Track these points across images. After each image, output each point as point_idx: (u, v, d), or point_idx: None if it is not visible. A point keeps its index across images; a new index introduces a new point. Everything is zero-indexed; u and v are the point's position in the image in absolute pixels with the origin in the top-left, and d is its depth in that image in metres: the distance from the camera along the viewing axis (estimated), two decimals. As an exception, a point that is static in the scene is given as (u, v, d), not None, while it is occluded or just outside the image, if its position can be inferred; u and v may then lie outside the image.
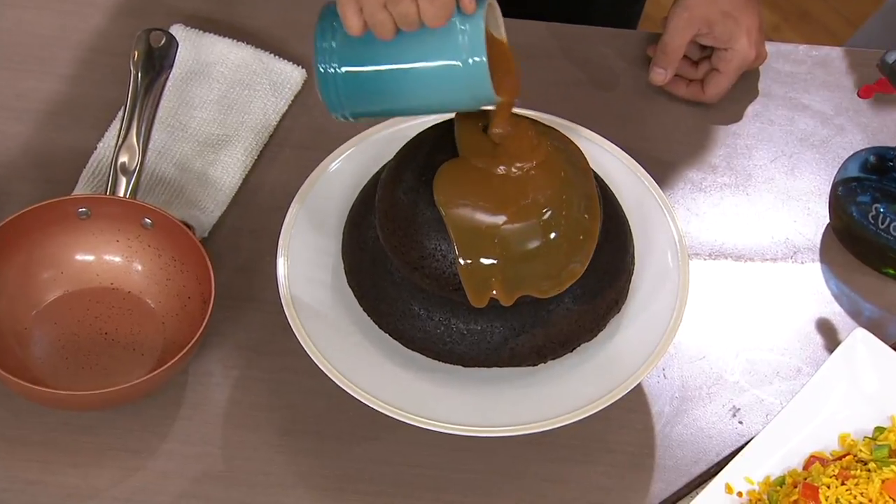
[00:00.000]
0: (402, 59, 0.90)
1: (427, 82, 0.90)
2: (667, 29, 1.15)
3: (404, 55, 0.89)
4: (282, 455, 0.99)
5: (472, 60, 0.89)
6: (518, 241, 0.93)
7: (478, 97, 0.91)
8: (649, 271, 1.03)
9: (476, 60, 0.89)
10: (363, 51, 0.90)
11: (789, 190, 1.16)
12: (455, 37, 0.89)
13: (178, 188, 1.11)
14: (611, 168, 1.06)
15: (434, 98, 0.91)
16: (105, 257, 1.05)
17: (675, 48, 1.15)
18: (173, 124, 1.14)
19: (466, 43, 0.89)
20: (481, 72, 0.89)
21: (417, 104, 0.92)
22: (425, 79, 0.90)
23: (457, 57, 0.89)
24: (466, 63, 0.89)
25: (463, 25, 0.88)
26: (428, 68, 0.89)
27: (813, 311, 1.09)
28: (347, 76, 0.90)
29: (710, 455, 1.01)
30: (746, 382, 1.05)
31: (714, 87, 1.16)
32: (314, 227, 1.03)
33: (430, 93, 0.90)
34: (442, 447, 1.00)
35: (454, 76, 0.89)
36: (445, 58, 0.89)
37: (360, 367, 0.97)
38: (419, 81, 0.90)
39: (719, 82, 1.16)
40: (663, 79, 1.16)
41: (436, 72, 0.89)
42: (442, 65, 0.89)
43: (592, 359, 0.99)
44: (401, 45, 0.89)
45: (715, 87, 1.16)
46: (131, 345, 1.02)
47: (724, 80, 1.16)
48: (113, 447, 0.99)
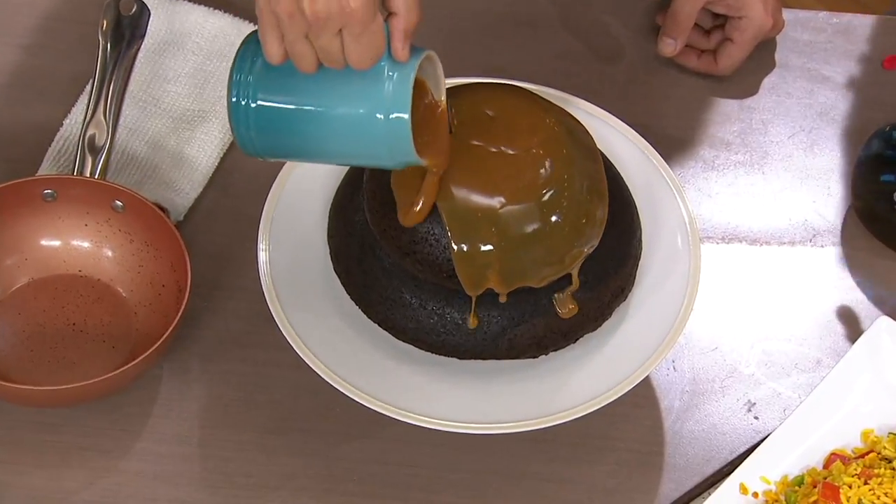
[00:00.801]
0: (319, 100, 0.87)
1: (343, 130, 0.87)
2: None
3: (322, 95, 0.87)
4: (265, 455, 1.00)
5: (394, 116, 0.86)
6: (516, 225, 0.94)
7: (396, 156, 0.88)
8: (658, 256, 1.03)
9: (397, 116, 0.86)
10: (280, 84, 0.87)
11: (808, 168, 1.16)
12: (380, 84, 0.85)
13: (151, 168, 1.11)
14: (616, 146, 1.06)
15: (349, 148, 0.88)
16: (72, 242, 1.05)
17: (685, 16, 1.15)
18: (145, 99, 1.14)
19: (390, 93, 0.85)
20: (402, 130, 0.86)
21: (332, 152, 0.89)
22: (341, 125, 0.87)
23: (378, 108, 0.86)
24: (387, 117, 0.86)
25: (391, 72, 0.85)
26: (345, 115, 0.86)
27: (833, 299, 1.09)
28: (260, 110, 0.88)
29: (724, 453, 1.01)
30: (762, 375, 1.05)
31: (727, 59, 1.16)
32: (298, 210, 1.03)
33: (345, 142, 0.88)
34: (436, 445, 1.00)
35: (373, 128, 0.86)
36: (365, 106, 0.86)
37: (348, 360, 0.97)
38: (335, 127, 0.87)
39: (733, 53, 1.16)
40: (673, 49, 1.16)
41: (354, 120, 0.86)
42: (361, 113, 0.86)
43: (597, 350, 0.99)
44: (321, 83, 0.86)
45: (728, 59, 1.16)
46: (101, 336, 1.02)
47: (738, 50, 1.16)
48: (82, 447, 0.99)
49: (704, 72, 1.18)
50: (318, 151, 0.90)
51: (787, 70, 1.21)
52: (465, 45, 1.20)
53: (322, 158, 0.91)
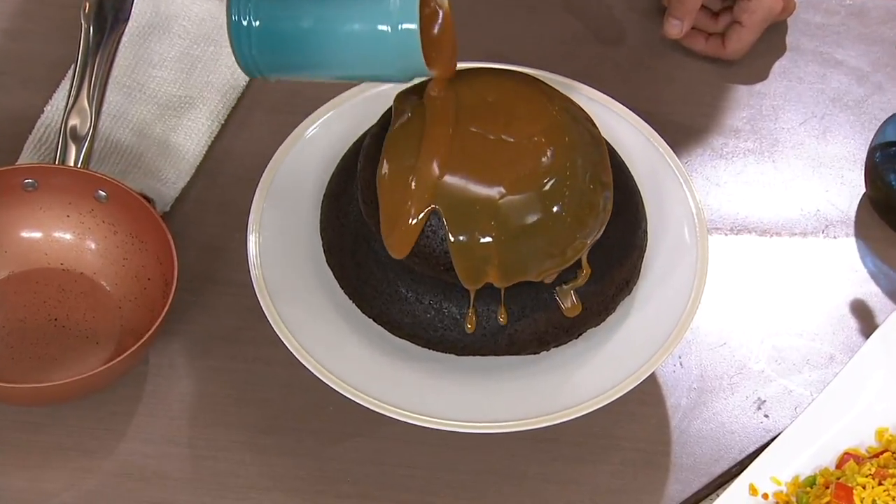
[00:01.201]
0: (325, 16, 0.88)
1: (350, 46, 0.88)
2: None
3: (328, 11, 0.88)
4: (255, 455, 0.99)
5: (402, 27, 0.87)
6: (516, 215, 0.93)
7: (406, 69, 0.90)
8: (664, 248, 1.03)
9: (406, 28, 0.87)
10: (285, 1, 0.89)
11: (820, 156, 1.16)
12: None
13: (136, 156, 1.10)
14: (620, 133, 1.06)
15: (357, 64, 0.90)
16: (54, 234, 1.05)
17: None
18: (130, 84, 1.13)
19: (397, 5, 0.87)
20: (411, 41, 0.88)
21: (339, 70, 0.91)
22: (349, 42, 0.88)
23: (385, 20, 0.87)
24: (396, 29, 0.87)
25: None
26: (353, 31, 0.88)
27: (847, 292, 1.09)
28: (263, 29, 0.89)
29: (733, 453, 1.01)
30: (773, 371, 1.05)
31: (736, 42, 1.16)
32: (289, 201, 1.03)
33: (353, 58, 0.89)
34: (433, 445, 1.00)
35: (381, 42, 0.88)
36: (372, 20, 0.87)
37: (341, 356, 0.97)
38: (342, 44, 0.88)
39: (742, 36, 1.16)
40: (679, 31, 1.16)
41: (361, 35, 0.88)
42: (368, 28, 0.88)
43: (600, 346, 0.99)
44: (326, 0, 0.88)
45: (737, 42, 1.16)
46: (84, 332, 1.02)
47: (748, 33, 1.16)
48: (64, 447, 0.99)
49: (712, 56, 1.18)
50: (322, 68, 0.91)
51: (799, 54, 1.21)
52: (463, 29, 1.19)
53: (327, 75, 0.92)
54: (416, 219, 0.93)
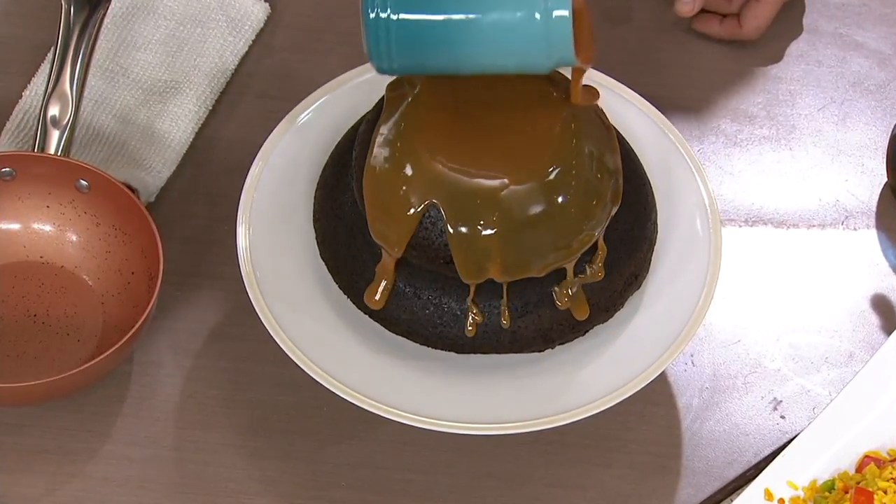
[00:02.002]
0: (468, 5, 0.89)
1: (495, 35, 0.89)
2: None
3: (473, 1, 0.89)
4: (244, 458, 1.00)
5: (556, 14, 0.89)
6: (519, 206, 0.93)
7: (554, 58, 0.91)
8: (675, 240, 1.03)
9: (559, 14, 0.89)
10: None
11: (840, 143, 1.16)
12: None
13: (120, 144, 1.10)
14: (629, 119, 1.06)
15: (501, 54, 0.91)
16: (33, 226, 1.05)
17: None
18: (113, 69, 1.14)
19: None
20: (564, 29, 0.89)
21: (480, 62, 0.91)
22: (494, 31, 0.89)
23: (535, 7, 0.89)
24: (548, 17, 0.89)
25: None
26: (499, 19, 0.89)
27: (868, 286, 1.09)
28: (403, 24, 0.90)
29: (747, 455, 1.02)
30: (789, 370, 1.05)
31: (753, 20, 1.16)
32: (280, 191, 1.03)
33: (497, 48, 0.90)
34: (432, 447, 1.00)
35: (530, 30, 0.89)
36: (521, 7, 0.89)
37: (335, 354, 0.98)
38: (486, 34, 0.89)
39: (759, 13, 1.16)
40: (691, 9, 1.16)
41: (508, 24, 0.89)
42: (517, 16, 0.89)
43: (608, 343, 0.99)
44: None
45: (754, 20, 1.16)
46: (65, 329, 1.02)
47: (766, 8, 1.15)
48: (45, 449, 0.99)
49: (729, 38, 1.18)
50: (464, 62, 0.92)
51: (817, 36, 1.21)
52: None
53: (467, 68, 0.93)
54: (414, 211, 0.94)
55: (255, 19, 1.17)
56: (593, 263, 0.97)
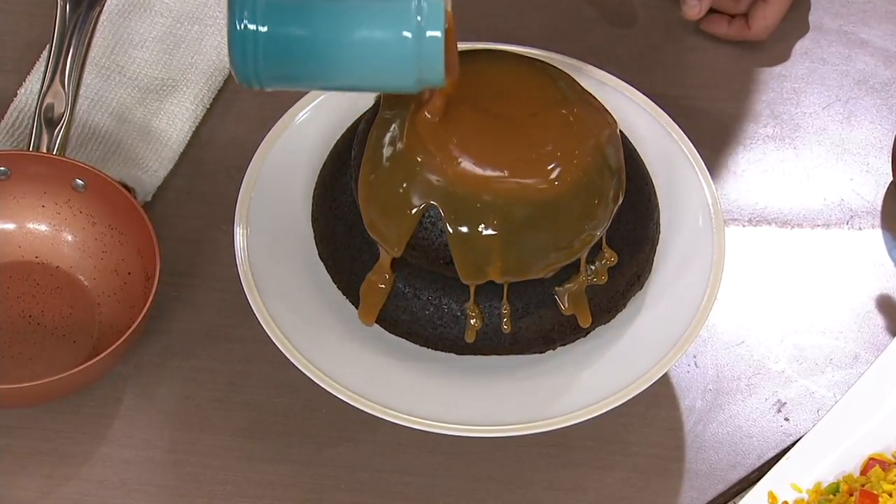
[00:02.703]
0: (339, 20, 0.87)
1: (365, 53, 0.88)
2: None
3: (341, 14, 0.87)
4: (242, 461, 1.00)
5: (428, 34, 0.87)
6: (519, 205, 0.93)
7: (424, 79, 0.89)
8: (677, 240, 1.03)
9: (431, 35, 0.87)
10: (293, 5, 0.87)
11: (845, 142, 1.16)
12: (409, 3, 0.87)
13: (116, 143, 1.11)
14: (632, 118, 1.06)
15: (370, 73, 0.89)
16: (28, 226, 1.05)
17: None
18: (109, 66, 1.14)
19: (425, 11, 0.87)
20: (435, 49, 0.87)
21: (348, 78, 0.90)
22: (364, 48, 0.87)
23: (407, 26, 0.87)
24: (420, 36, 0.87)
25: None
26: (369, 37, 0.87)
27: (873, 287, 1.09)
28: (271, 38, 0.88)
29: (751, 458, 1.02)
30: (794, 372, 1.05)
31: (761, 20, 1.16)
32: (278, 190, 1.03)
33: (366, 66, 0.88)
34: (431, 450, 1.00)
35: (400, 50, 0.87)
36: (393, 26, 0.87)
37: (334, 355, 0.98)
38: (355, 50, 0.87)
39: (767, 13, 1.15)
40: (697, 12, 1.16)
41: (378, 41, 0.87)
42: (387, 34, 0.87)
43: (610, 345, 1.00)
44: (341, 4, 0.87)
45: (762, 20, 1.16)
46: (61, 330, 1.03)
47: (774, 9, 1.15)
48: (39, 451, 0.99)
49: (737, 39, 1.18)
50: (331, 78, 0.90)
51: (822, 33, 1.21)
52: (464, 9, 1.20)
53: (334, 86, 0.92)
54: (413, 211, 0.94)
55: (253, 17, 1.17)
56: (597, 267, 0.97)
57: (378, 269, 0.97)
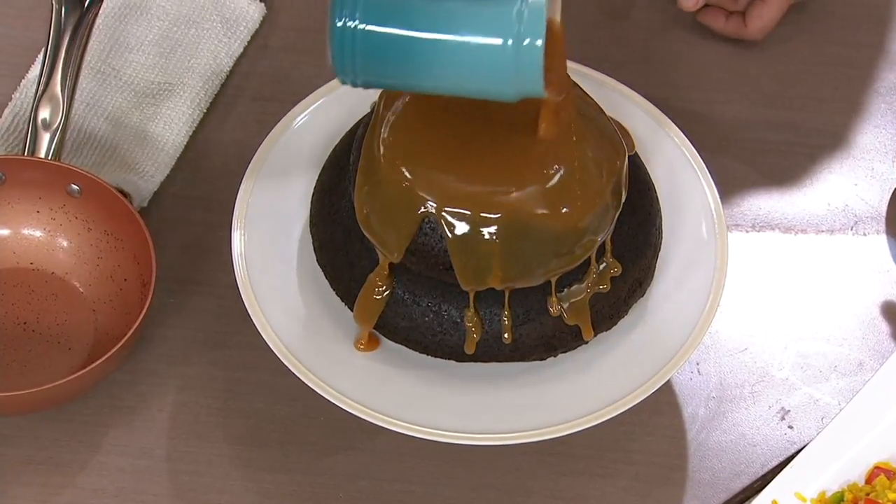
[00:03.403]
0: (438, 24, 0.87)
1: (463, 58, 0.88)
2: None
3: (441, 18, 0.87)
4: (239, 469, 1.00)
5: (527, 42, 0.86)
6: (519, 211, 0.93)
7: (522, 89, 0.89)
8: (680, 246, 1.03)
9: (530, 43, 0.86)
10: (394, 4, 0.88)
11: (849, 147, 1.16)
12: (510, 6, 0.86)
13: (112, 148, 1.11)
14: (632, 121, 1.06)
15: (466, 79, 0.89)
16: (23, 231, 1.05)
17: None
18: (105, 70, 1.14)
19: (525, 18, 0.86)
20: (534, 58, 0.87)
21: (444, 83, 0.90)
22: (462, 53, 0.87)
23: (507, 33, 0.86)
24: (519, 44, 0.86)
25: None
26: (468, 42, 0.87)
27: (878, 293, 1.09)
28: (369, 36, 0.88)
29: (754, 466, 1.02)
30: (797, 379, 1.05)
31: (758, 19, 1.16)
32: (276, 195, 1.03)
33: (463, 72, 0.88)
34: (431, 458, 1.00)
35: (499, 57, 0.87)
36: (493, 31, 0.87)
37: (332, 363, 0.98)
38: (453, 55, 0.88)
39: (764, 13, 1.16)
40: (694, 4, 1.16)
41: (477, 47, 0.87)
42: (487, 40, 0.87)
43: (612, 352, 1.00)
44: (439, 4, 0.87)
45: (759, 19, 1.16)
46: (56, 337, 1.02)
47: (771, 9, 1.16)
48: (34, 460, 0.99)
49: (733, 35, 1.18)
50: (427, 81, 0.90)
51: (826, 37, 1.21)
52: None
53: (430, 88, 0.91)
54: (412, 217, 0.93)
55: (251, 20, 1.17)
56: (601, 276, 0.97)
57: (377, 273, 0.97)
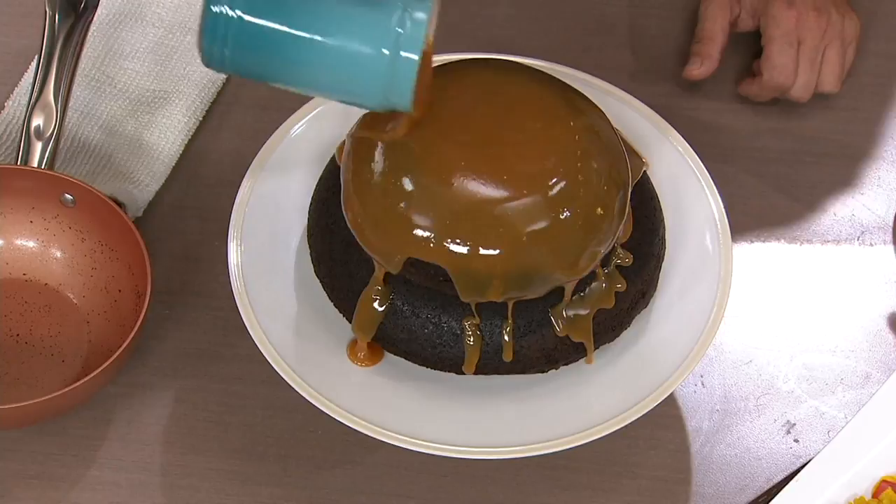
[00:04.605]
0: (316, 22, 0.87)
1: (336, 61, 0.87)
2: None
3: (320, 16, 0.87)
4: (236, 484, 1.00)
5: (404, 55, 0.86)
6: (520, 222, 0.93)
7: (389, 100, 0.88)
8: (683, 257, 1.03)
9: (407, 56, 0.86)
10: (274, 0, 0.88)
11: (856, 156, 1.16)
12: (392, 16, 0.86)
13: (106, 157, 1.11)
14: (636, 130, 1.06)
15: (336, 80, 0.88)
16: (16, 242, 1.05)
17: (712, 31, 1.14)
18: (99, 78, 1.14)
19: (407, 29, 0.86)
20: (408, 71, 0.87)
21: (312, 81, 0.89)
22: (336, 56, 0.87)
23: (385, 43, 0.86)
24: (395, 55, 0.86)
25: (407, 4, 0.86)
26: (344, 46, 0.87)
27: (884, 304, 1.09)
28: (246, 26, 0.87)
29: (760, 480, 1.02)
30: (803, 392, 1.05)
31: (770, 69, 1.14)
32: (273, 205, 1.03)
33: (334, 73, 0.88)
34: (431, 472, 1.00)
35: (373, 64, 0.87)
36: (371, 39, 0.87)
37: (330, 375, 0.98)
38: (327, 56, 0.87)
39: (773, 58, 1.14)
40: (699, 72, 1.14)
41: (352, 52, 0.87)
42: (363, 46, 0.87)
43: (614, 364, 1.00)
44: (321, 6, 0.87)
45: (771, 70, 1.14)
46: (49, 349, 1.02)
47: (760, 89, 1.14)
48: (27, 475, 0.99)
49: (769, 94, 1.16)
50: (296, 78, 0.90)
51: (831, 44, 1.21)
52: (461, 16, 1.20)
53: (295, 86, 0.91)
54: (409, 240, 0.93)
55: (247, 27, 1.17)
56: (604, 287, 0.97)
57: (373, 284, 0.97)
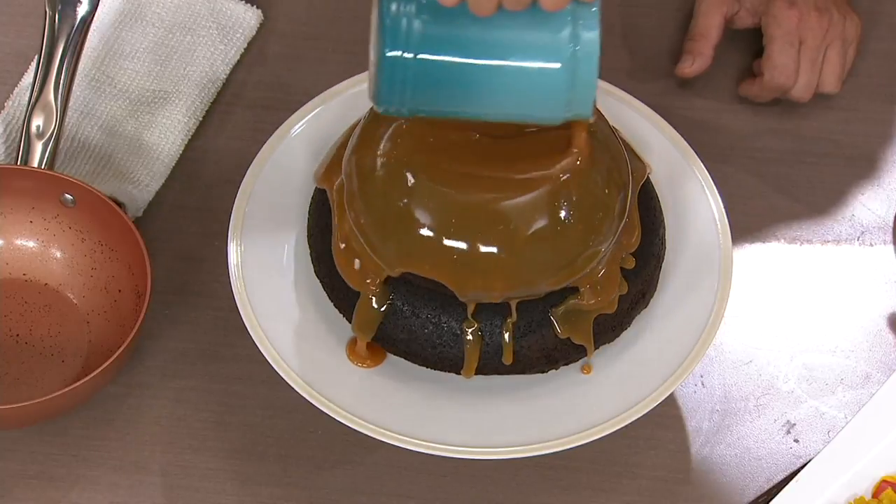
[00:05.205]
0: (493, 50, 0.87)
1: (517, 83, 0.87)
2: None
3: (496, 45, 0.87)
4: (236, 484, 1.00)
5: (584, 66, 0.87)
6: (519, 221, 0.93)
7: (573, 111, 0.89)
8: (683, 257, 1.03)
9: (588, 67, 0.87)
10: (448, 31, 0.87)
11: (856, 156, 1.16)
12: (563, 31, 0.86)
13: (106, 157, 1.11)
14: (635, 130, 1.07)
15: (518, 105, 0.89)
16: (16, 242, 1.05)
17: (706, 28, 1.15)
18: (99, 78, 1.14)
19: (582, 42, 0.86)
20: (589, 79, 0.87)
21: (496, 107, 0.89)
22: (516, 79, 0.87)
23: (561, 57, 0.87)
24: (575, 67, 0.87)
25: (577, 16, 0.86)
26: (523, 67, 0.87)
27: (885, 304, 1.09)
28: (423, 63, 0.87)
29: (759, 481, 1.02)
30: (803, 392, 1.06)
31: (771, 69, 1.14)
32: (274, 205, 1.04)
33: (516, 96, 0.88)
34: (431, 473, 1.00)
35: (553, 80, 0.87)
36: (548, 56, 0.87)
37: (330, 375, 0.98)
38: (507, 81, 0.87)
39: (774, 58, 1.14)
40: (690, 70, 1.14)
41: (532, 72, 0.87)
42: (542, 65, 0.87)
43: (614, 364, 1.00)
44: (493, 31, 0.86)
45: (771, 70, 1.14)
46: (49, 349, 1.03)
47: (760, 89, 1.15)
48: (26, 475, 0.99)
49: (770, 95, 1.16)
50: (479, 106, 0.89)
51: (832, 43, 1.21)
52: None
53: (478, 114, 0.91)
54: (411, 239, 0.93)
55: (247, 27, 1.17)
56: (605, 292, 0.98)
57: (374, 285, 0.97)
